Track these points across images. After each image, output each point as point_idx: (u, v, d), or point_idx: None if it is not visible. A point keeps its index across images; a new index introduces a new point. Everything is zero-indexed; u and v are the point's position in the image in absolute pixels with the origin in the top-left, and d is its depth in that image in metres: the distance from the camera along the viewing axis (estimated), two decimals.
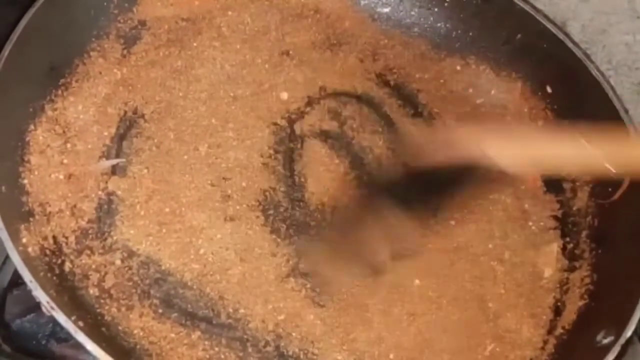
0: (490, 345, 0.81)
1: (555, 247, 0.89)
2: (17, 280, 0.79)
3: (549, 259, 0.88)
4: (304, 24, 1.02)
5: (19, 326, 0.77)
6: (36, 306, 0.75)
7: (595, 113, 0.91)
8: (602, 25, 0.95)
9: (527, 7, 0.97)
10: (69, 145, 0.84)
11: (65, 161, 0.83)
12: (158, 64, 0.94)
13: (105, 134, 0.87)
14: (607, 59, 0.95)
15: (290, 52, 0.99)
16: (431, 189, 0.77)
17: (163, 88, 0.92)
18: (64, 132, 0.84)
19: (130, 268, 0.79)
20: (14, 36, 0.79)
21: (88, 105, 0.87)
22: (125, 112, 0.89)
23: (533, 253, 0.89)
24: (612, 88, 0.89)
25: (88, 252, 0.78)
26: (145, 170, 0.85)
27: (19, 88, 0.80)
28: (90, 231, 0.80)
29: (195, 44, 0.96)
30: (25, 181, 0.78)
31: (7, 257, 0.79)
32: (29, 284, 0.67)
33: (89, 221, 0.80)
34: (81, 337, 0.65)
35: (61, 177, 0.82)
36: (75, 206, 0.81)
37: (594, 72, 0.91)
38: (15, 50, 0.79)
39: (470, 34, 1.03)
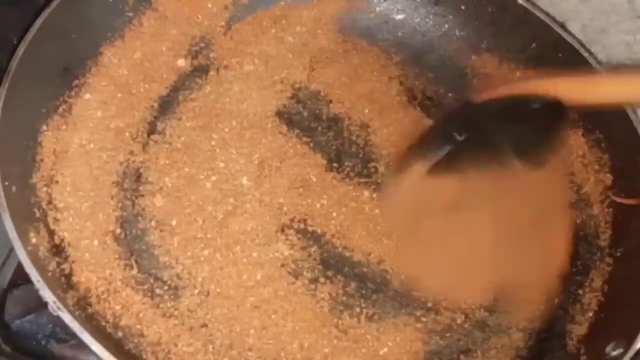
0: None
1: None
2: (17, 281, 0.80)
3: None
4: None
5: (19, 326, 0.78)
6: (36, 307, 0.76)
7: (610, 123, 0.91)
8: (602, 25, 0.94)
9: (542, 16, 0.96)
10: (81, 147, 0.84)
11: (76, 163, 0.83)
12: None
13: (120, 136, 0.87)
14: (607, 59, 0.95)
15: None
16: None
17: None
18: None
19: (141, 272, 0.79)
20: (29, 36, 0.80)
21: (101, 108, 0.88)
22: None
23: None
24: None
25: None
26: (166, 178, 0.85)
27: (32, 88, 0.81)
28: None
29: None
30: (36, 182, 0.79)
31: (7, 257, 0.81)
32: (36, 283, 0.67)
33: None
34: (87, 338, 0.65)
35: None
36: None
37: None
38: (30, 51, 0.79)
39: (485, 42, 1.02)
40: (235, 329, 0.77)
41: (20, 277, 0.79)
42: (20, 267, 0.77)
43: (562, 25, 0.96)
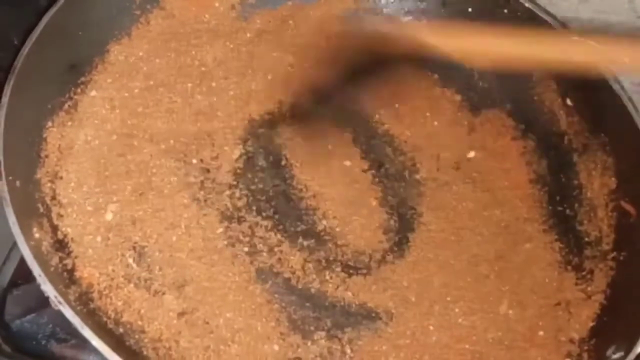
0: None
1: None
2: (17, 281, 0.80)
3: None
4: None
5: (19, 326, 0.78)
6: (36, 307, 0.76)
7: (615, 126, 0.90)
8: (602, 25, 0.94)
9: (548, 19, 0.96)
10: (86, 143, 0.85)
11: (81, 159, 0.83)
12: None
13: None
14: None
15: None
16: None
17: None
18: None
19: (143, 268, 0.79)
20: (35, 33, 0.80)
21: (107, 105, 0.88)
22: None
23: None
24: (632, 100, 0.88)
25: None
26: None
27: (38, 85, 0.81)
28: None
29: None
30: (40, 177, 0.79)
31: (7, 257, 0.81)
32: (38, 278, 0.67)
33: None
34: (87, 333, 0.65)
35: None
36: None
37: (615, 86, 0.90)
38: (36, 48, 0.80)
39: None
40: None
41: (21, 277, 0.80)
42: (20, 267, 0.79)
43: (563, 25, 0.96)
